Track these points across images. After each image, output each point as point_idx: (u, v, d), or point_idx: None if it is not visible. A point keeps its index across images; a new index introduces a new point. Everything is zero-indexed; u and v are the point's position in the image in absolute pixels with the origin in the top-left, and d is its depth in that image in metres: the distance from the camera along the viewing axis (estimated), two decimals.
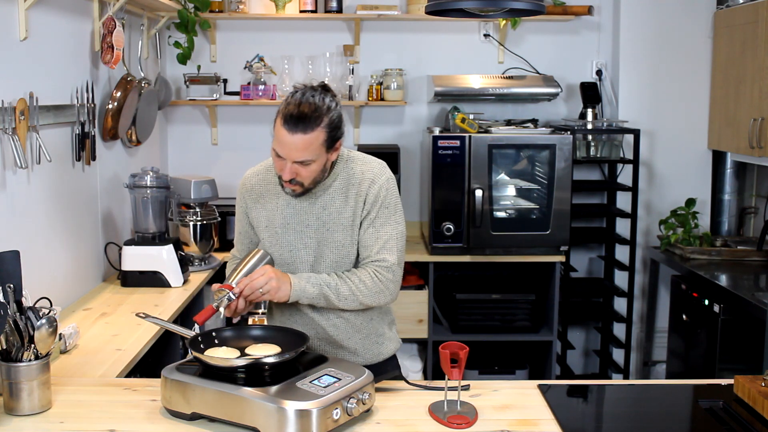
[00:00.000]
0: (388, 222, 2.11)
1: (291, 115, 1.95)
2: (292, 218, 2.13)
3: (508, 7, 2.13)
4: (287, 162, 1.99)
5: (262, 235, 2.18)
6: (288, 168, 2.00)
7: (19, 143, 2.45)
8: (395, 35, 4.35)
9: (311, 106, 1.95)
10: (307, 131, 1.94)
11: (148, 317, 2.09)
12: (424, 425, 1.80)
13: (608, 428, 1.97)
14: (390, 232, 2.11)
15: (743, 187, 4.31)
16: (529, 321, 4.02)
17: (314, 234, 2.11)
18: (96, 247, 3.26)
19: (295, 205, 2.13)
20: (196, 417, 1.77)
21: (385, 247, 2.10)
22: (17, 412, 1.83)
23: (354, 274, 2.09)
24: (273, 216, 2.15)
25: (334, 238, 2.11)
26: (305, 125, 1.94)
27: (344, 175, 2.12)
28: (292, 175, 2.01)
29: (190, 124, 4.41)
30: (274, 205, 2.16)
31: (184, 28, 3.97)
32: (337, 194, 2.11)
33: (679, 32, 4.26)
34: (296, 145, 1.95)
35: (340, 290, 2.06)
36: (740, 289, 3.34)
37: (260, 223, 2.18)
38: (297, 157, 1.97)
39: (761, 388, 1.88)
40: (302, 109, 1.95)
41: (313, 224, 2.12)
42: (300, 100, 1.96)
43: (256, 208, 2.18)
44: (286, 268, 2.14)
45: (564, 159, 3.84)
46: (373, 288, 2.08)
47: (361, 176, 2.11)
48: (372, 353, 2.22)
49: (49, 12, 2.79)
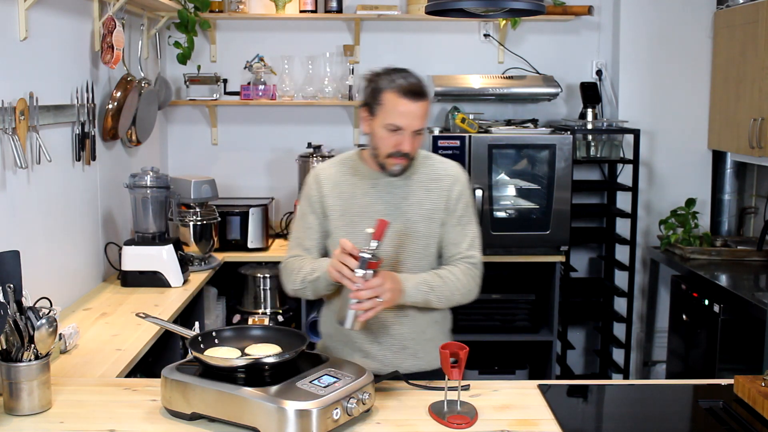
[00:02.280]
0: (471, 221, 2.21)
1: (409, 86, 2.03)
2: (369, 207, 2.15)
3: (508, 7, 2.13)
4: (406, 133, 2.05)
5: (335, 223, 2.17)
6: (408, 139, 2.06)
7: (19, 143, 2.45)
8: (395, 35, 4.35)
9: (417, 78, 2.07)
10: (424, 99, 2.05)
11: (148, 317, 2.09)
12: (424, 425, 1.80)
13: (608, 428, 1.97)
14: (474, 230, 2.21)
15: (743, 187, 4.31)
16: (529, 321, 4.02)
17: (393, 223, 2.12)
18: (96, 247, 3.26)
19: (373, 194, 2.16)
20: (196, 417, 1.77)
21: (472, 245, 2.19)
22: (17, 412, 1.83)
23: (451, 273, 2.14)
24: (350, 204, 2.17)
25: (416, 229, 2.14)
26: (422, 95, 2.04)
27: (424, 170, 2.19)
28: (412, 147, 2.08)
29: (190, 124, 4.41)
30: (350, 194, 2.18)
31: (184, 28, 3.97)
32: (418, 187, 2.16)
33: (679, 32, 4.26)
34: (419, 112, 2.04)
35: (443, 293, 2.11)
36: (740, 289, 3.34)
37: (336, 211, 2.17)
38: (418, 125, 2.06)
39: (761, 388, 1.88)
40: (413, 82, 2.05)
41: (392, 213, 2.13)
42: (406, 77, 2.06)
43: (333, 196, 2.18)
44: None
45: (564, 159, 3.84)
46: (467, 285, 2.15)
47: (443, 173, 2.20)
48: (432, 356, 2.20)
49: (49, 12, 2.79)
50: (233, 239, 3.93)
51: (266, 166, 4.43)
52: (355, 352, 2.20)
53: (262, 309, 3.94)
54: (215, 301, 3.87)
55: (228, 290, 4.07)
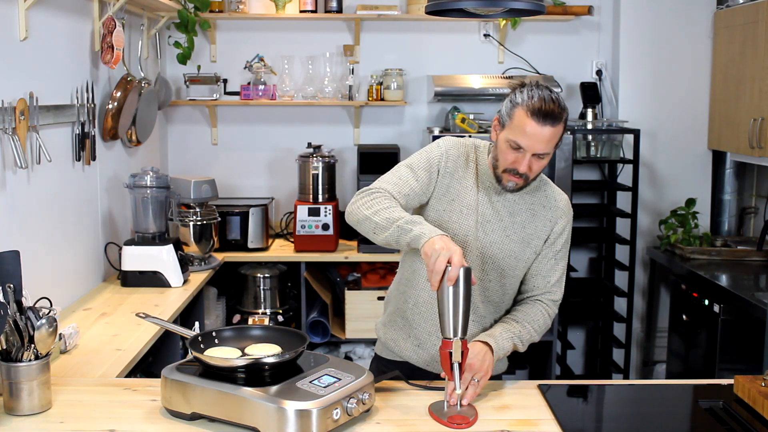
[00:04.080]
0: (565, 257, 2.18)
1: (541, 108, 1.95)
2: (474, 205, 2.10)
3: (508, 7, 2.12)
4: (526, 154, 1.99)
5: (441, 205, 2.10)
6: (526, 160, 1.99)
7: (19, 143, 2.45)
8: (395, 35, 4.35)
9: (555, 101, 1.96)
10: (555, 124, 1.95)
11: (148, 317, 2.09)
12: (424, 425, 1.79)
13: (608, 428, 1.97)
14: (564, 267, 2.18)
15: (743, 187, 4.31)
16: None
17: (488, 231, 2.09)
18: (96, 247, 3.26)
19: (483, 196, 2.11)
20: (196, 417, 1.77)
21: (559, 282, 2.18)
22: (17, 412, 1.83)
23: (530, 316, 2.14)
24: (463, 194, 2.11)
25: (510, 247, 2.10)
26: (554, 119, 1.95)
27: (537, 194, 2.13)
28: (528, 169, 2.01)
29: (190, 124, 4.41)
30: (468, 184, 2.12)
31: (184, 28, 3.97)
32: (526, 208, 2.11)
33: (679, 32, 4.26)
34: (544, 137, 1.96)
35: (524, 338, 2.11)
36: (740, 289, 3.34)
37: (448, 193, 2.10)
38: (540, 149, 1.97)
39: (761, 388, 1.88)
40: (549, 104, 1.96)
41: (490, 221, 2.10)
42: (543, 96, 1.97)
43: (454, 177, 2.12)
44: None
45: (564, 159, 3.84)
46: (543, 326, 2.16)
47: (553, 202, 2.14)
48: None
49: (49, 12, 2.79)
50: (233, 239, 3.93)
51: (266, 166, 4.43)
52: (410, 339, 2.17)
53: (262, 309, 3.94)
54: (215, 301, 3.87)
55: (228, 290, 4.07)
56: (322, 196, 3.99)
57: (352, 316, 3.88)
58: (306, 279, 3.91)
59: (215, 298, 3.87)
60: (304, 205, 3.92)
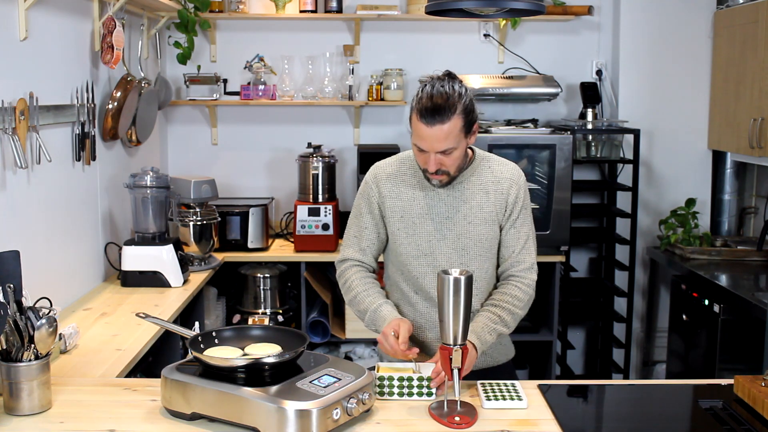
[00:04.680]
0: (525, 223, 2.19)
1: (426, 108, 1.97)
2: (429, 209, 2.14)
3: (508, 7, 2.12)
4: (430, 154, 2.02)
5: (395, 226, 2.17)
6: (432, 160, 2.03)
7: (19, 143, 2.45)
8: (395, 35, 4.35)
9: (443, 95, 1.97)
10: (445, 121, 1.97)
11: (148, 317, 2.09)
12: (424, 425, 1.80)
13: (608, 428, 1.97)
14: (527, 232, 2.19)
15: (743, 187, 4.31)
16: (529, 321, 4.02)
17: (452, 225, 2.13)
18: (96, 247, 3.26)
19: (433, 196, 2.15)
20: (196, 417, 1.77)
21: (525, 248, 2.18)
22: (17, 412, 1.83)
23: (506, 295, 2.13)
24: (410, 206, 2.16)
25: (477, 231, 2.14)
26: (442, 115, 1.96)
27: (483, 172, 2.16)
28: (438, 166, 2.04)
29: (190, 124, 4.41)
30: (410, 195, 2.16)
31: (184, 28, 3.97)
32: (477, 189, 2.15)
33: (679, 32, 4.26)
34: (437, 136, 1.98)
35: (505, 319, 2.11)
36: (740, 289, 3.34)
37: (395, 213, 2.17)
38: (439, 147, 2.00)
39: (761, 388, 1.88)
40: (435, 101, 1.97)
41: (451, 216, 2.14)
42: (431, 93, 1.98)
43: (392, 198, 2.17)
44: (425, 260, 2.15)
45: (564, 159, 3.84)
46: (524, 298, 2.15)
47: (500, 175, 2.17)
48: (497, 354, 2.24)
49: (49, 12, 2.79)
50: (233, 239, 3.93)
51: (266, 166, 4.43)
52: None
53: (262, 309, 3.94)
54: (215, 301, 3.87)
55: (228, 290, 4.07)
56: (322, 196, 3.99)
57: (352, 316, 3.87)
58: (306, 279, 3.91)
59: (215, 298, 3.87)
60: (304, 205, 3.92)
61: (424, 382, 1.92)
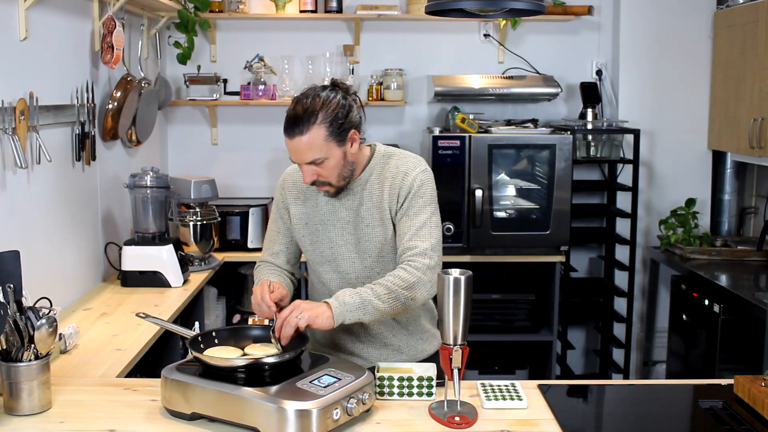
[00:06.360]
0: (422, 211, 2.07)
1: (288, 119, 1.98)
2: (332, 215, 2.15)
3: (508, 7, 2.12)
4: (302, 166, 2.01)
5: (300, 233, 2.19)
6: (305, 171, 2.01)
7: (19, 143, 2.45)
8: (395, 35, 4.35)
9: (303, 106, 1.96)
10: (304, 132, 1.95)
11: (148, 317, 2.09)
12: (424, 425, 1.80)
13: (608, 428, 1.97)
14: (423, 219, 2.07)
15: (743, 187, 4.31)
16: (529, 321, 4.02)
17: (353, 230, 2.13)
18: (96, 247, 3.26)
19: (334, 202, 2.14)
20: (196, 417, 1.77)
21: (417, 234, 2.05)
22: (17, 412, 1.83)
23: (390, 275, 2.01)
24: (312, 213, 2.17)
25: (374, 233, 2.11)
26: (300, 126, 1.95)
27: (380, 171, 2.13)
28: (313, 177, 2.02)
29: (190, 124, 4.41)
30: (313, 201, 2.17)
31: (184, 28, 3.97)
32: (374, 189, 2.12)
33: (679, 32, 4.26)
34: (298, 148, 1.97)
35: (377, 290, 1.96)
36: (740, 289, 3.34)
37: (300, 220, 2.19)
38: (305, 158, 1.98)
39: (761, 388, 1.88)
40: (295, 112, 1.96)
41: (352, 220, 2.13)
42: (295, 104, 1.98)
43: (296, 205, 2.19)
44: (329, 266, 2.16)
45: (564, 159, 3.84)
46: (409, 279, 1.99)
47: (395, 170, 2.11)
48: (416, 350, 2.23)
49: (49, 12, 2.79)
50: (233, 239, 3.93)
51: (266, 166, 4.43)
52: (340, 352, 2.21)
53: None
54: (215, 301, 3.87)
55: (228, 290, 4.07)
56: None
57: None
58: (306, 279, 3.91)
59: (215, 298, 3.87)
60: None
61: (424, 382, 1.92)
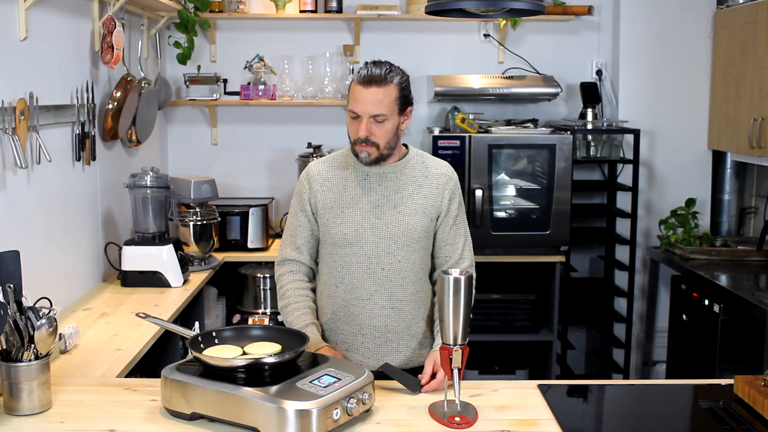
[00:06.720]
0: (464, 220, 2.28)
1: (365, 75, 2.09)
2: (361, 198, 2.19)
3: (508, 7, 2.12)
4: (362, 118, 2.10)
5: (325, 217, 2.21)
6: (364, 124, 2.10)
7: (19, 143, 2.45)
8: (395, 35, 4.35)
9: (382, 66, 2.12)
10: (381, 85, 2.08)
11: (148, 317, 2.09)
12: (424, 425, 1.80)
13: (608, 428, 1.97)
14: (466, 229, 2.28)
15: (743, 187, 4.31)
16: (529, 321, 4.02)
17: (383, 215, 2.17)
18: (96, 247, 3.26)
19: (365, 185, 2.19)
20: (196, 417, 1.77)
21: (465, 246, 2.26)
22: (17, 412, 1.83)
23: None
24: (340, 197, 2.20)
25: (407, 221, 2.17)
26: (379, 80, 2.08)
27: (417, 165, 2.23)
28: (368, 134, 2.10)
29: (190, 124, 4.41)
30: (341, 186, 2.21)
31: (184, 28, 3.97)
32: (410, 181, 2.20)
33: (679, 32, 4.26)
34: (372, 98, 2.08)
35: None
36: (740, 289, 3.34)
37: (326, 205, 2.21)
38: (373, 110, 2.08)
39: (761, 388, 1.88)
40: (373, 72, 2.10)
41: (383, 205, 2.18)
42: (371, 67, 2.12)
43: (324, 191, 2.22)
44: (350, 249, 2.18)
45: (564, 159, 3.84)
46: None
47: (435, 170, 2.23)
48: (413, 354, 2.24)
49: (49, 12, 2.79)
50: (233, 239, 3.93)
51: (266, 166, 4.43)
52: (338, 345, 2.22)
53: (262, 309, 3.94)
54: (215, 301, 3.87)
55: (228, 290, 4.07)
56: None
57: None
58: None
59: (215, 298, 3.87)
60: None
61: None
